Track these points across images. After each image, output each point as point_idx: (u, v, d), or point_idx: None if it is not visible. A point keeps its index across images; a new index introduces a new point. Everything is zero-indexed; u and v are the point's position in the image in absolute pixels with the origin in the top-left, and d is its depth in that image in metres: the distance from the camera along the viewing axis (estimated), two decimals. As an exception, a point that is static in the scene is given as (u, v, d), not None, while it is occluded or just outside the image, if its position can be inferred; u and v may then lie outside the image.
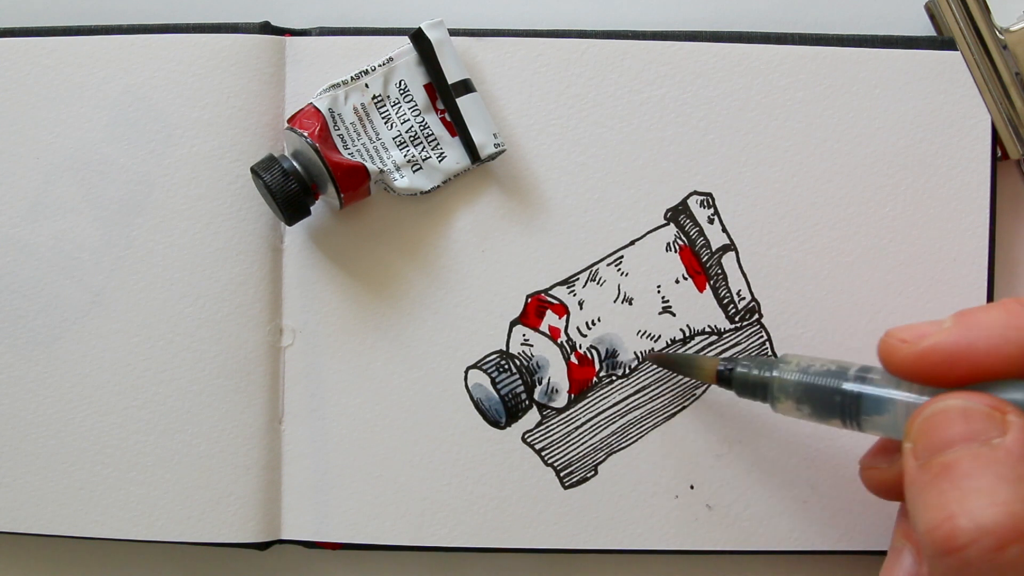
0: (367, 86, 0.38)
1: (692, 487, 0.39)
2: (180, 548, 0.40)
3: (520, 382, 0.39)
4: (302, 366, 0.39)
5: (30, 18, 0.41)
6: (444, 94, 0.38)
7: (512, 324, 0.39)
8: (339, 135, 0.38)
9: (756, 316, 0.39)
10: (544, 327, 0.39)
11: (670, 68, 0.39)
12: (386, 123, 0.38)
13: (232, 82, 0.38)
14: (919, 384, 0.30)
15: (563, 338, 0.39)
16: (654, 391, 0.39)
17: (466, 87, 0.38)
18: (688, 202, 0.39)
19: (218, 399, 0.38)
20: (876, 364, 0.31)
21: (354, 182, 0.37)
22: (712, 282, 0.39)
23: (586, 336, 0.39)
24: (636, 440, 0.39)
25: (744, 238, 0.39)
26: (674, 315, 0.39)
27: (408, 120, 0.38)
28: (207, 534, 0.38)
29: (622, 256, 0.39)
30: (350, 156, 0.37)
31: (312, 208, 0.38)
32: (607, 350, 0.39)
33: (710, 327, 0.39)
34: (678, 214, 0.39)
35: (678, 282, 0.39)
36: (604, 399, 0.39)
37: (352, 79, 0.38)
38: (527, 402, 0.39)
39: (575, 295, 0.39)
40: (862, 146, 0.39)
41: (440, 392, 0.39)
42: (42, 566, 0.41)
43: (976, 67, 0.39)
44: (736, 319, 0.39)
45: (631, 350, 0.39)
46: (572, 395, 0.39)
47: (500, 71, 0.39)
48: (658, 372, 0.39)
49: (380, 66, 0.38)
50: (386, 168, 0.38)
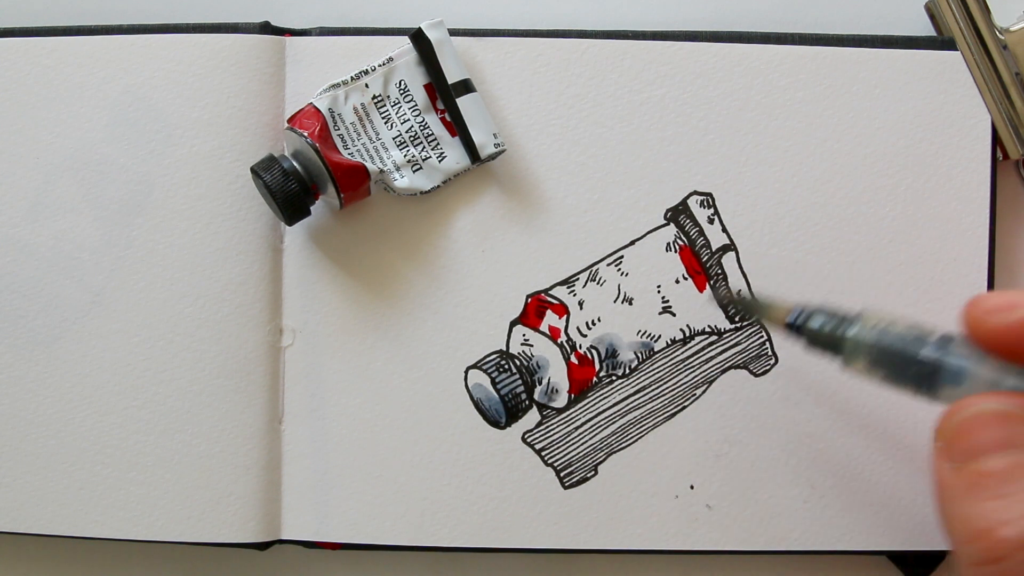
0: (367, 86, 0.38)
1: (692, 487, 0.39)
2: (180, 548, 0.40)
3: (520, 382, 0.39)
4: (302, 366, 0.39)
5: (30, 18, 0.41)
6: (444, 94, 0.38)
7: (512, 324, 0.39)
8: (339, 135, 0.38)
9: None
10: (544, 327, 0.39)
11: (670, 68, 0.39)
12: (386, 123, 0.38)
13: (232, 82, 0.38)
14: (1004, 359, 0.28)
15: (563, 338, 0.39)
16: (654, 391, 0.39)
17: (466, 87, 0.38)
18: (688, 202, 0.39)
19: (218, 399, 0.38)
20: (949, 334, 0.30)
21: (354, 182, 0.37)
22: (712, 282, 0.39)
23: (586, 336, 0.39)
24: (636, 440, 0.39)
25: (744, 238, 0.39)
26: (674, 315, 0.39)
27: (408, 120, 0.38)
28: (207, 534, 0.38)
29: (622, 256, 0.39)
30: (350, 156, 0.37)
31: (312, 208, 0.38)
32: (607, 350, 0.39)
33: (710, 327, 0.39)
34: (678, 214, 0.39)
35: (678, 282, 0.39)
36: (604, 399, 0.39)
37: (352, 79, 0.38)
38: (527, 402, 0.39)
39: (575, 295, 0.39)
40: (862, 146, 0.39)
41: (440, 392, 0.39)
42: (42, 566, 0.41)
43: (976, 67, 0.39)
44: (736, 319, 0.39)
45: (631, 350, 0.39)
46: (572, 395, 0.39)
47: (500, 71, 0.39)
48: (658, 372, 0.39)
49: (380, 66, 0.38)
50: (386, 168, 0.38)
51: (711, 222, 0.39)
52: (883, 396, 0.38)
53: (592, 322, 0.39)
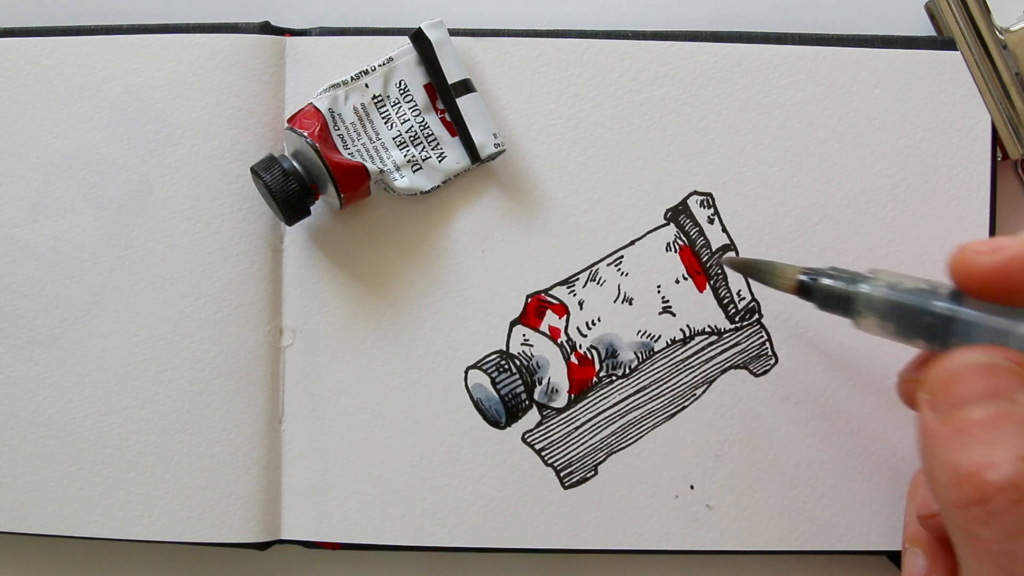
0: (367, 86, 0.38)
1: (692, 487, 0.39)
2: (180, 548, 0.40)
3: (520, 382, 0.39)
4: (302, 366, 0.39)
5: (30, 18, 0.41)
6: (444, 94, 0.38)
7: (512, 324, 0.39)
8: (339, 135, 0.38)
9: (756, 316, 0.39)
10: (544, 327, 0.39)
11: (670, 68, 0.39)
12: (386, 123, 0.38)
13: (232, 82, 0.38)
14: (993, 302, 0.29)
15: (563, 338, 0.39)
16: (654, 391, 0.39)
17: (466, 87, 0.38)
18: (688, 202, 0.39)
19: (218, 399, 0.38)
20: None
21: (354, 182, 0.37)
22: (712, 282, 0.39)
23: (586, 336, 0.39)
24: (636, 440, 0.39)
25: (744, 238, 0.39)
26: (674, 315, 0.39)
27: (408, 120, 0.38)
28: (207, 534, 0.38)
29: (622, 256, 0.39)
30: (350, 156, 0.37)
31: (312, 208, 0.38)
32: (607, 350, 0.39)
33: (710, 327, 0.39)
34: (678, 214, 0.39)
35: (678, 282, 0.39)
36: (604, 399, 0.39)
37: (352, 79, 0.38)
38: (527, 402, 0.39)
39: (575, 295, 0.39)
40: (862, 146, 0.39)
41: (440, 392, 0.39)
42: (42, 566, 0.41)
43: (976, 67, 0.39)
44: (736, 319, 0.39)
45: (631, 350, 0.39)
46: (572, 395, 0.39)
47: (500, 71, 0.39)
48: (658, 372, 0.39)
49: (380, 66, 0.38)
50: (386, 168, 0.38)
51: (711, 222, 0.39)
52: (883, 396, 0.38)
53: (592, 322, 0.39)
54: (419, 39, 0.38)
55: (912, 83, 0.39)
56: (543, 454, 0.39)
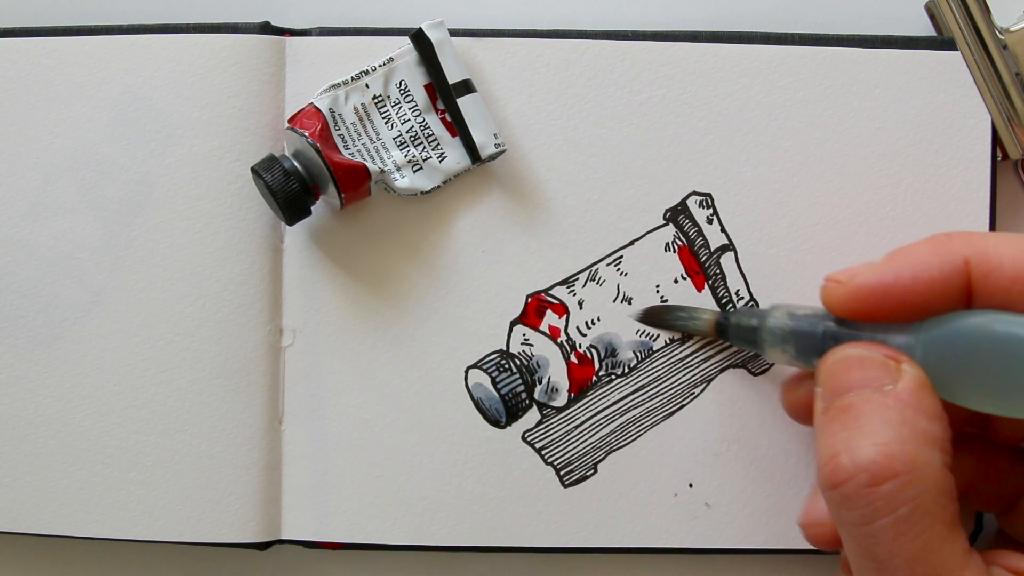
0: (367, 86, 0.38)
1: (691, 485, 0.39)
2: (180, 548, 0.40)
3: (520, 381, 0.39)
4: (302, 366, 0.39)
5: (30, 18, 0.41)
6: (444, 94, 0.38)
7: (512, 324, 0.39)
8: (340, 135, 0.38)
9: (756, 316, 0.39)
10: (544, 327, 0.39)
11: (670, 68, 0.39)
12: (386, 123, 0.38)
13: (232, 82, 0.38)
14: (864, 322, 0.32)
15: (563, 337, 0.39)
16: (653, 390, 0.39)
17: (466, 87, 0.38)
18: (687, 202, 0.39)
19: (218, 399, 0.38)
20: None
21: (355, 182, 0.37)
22: (711, 282, 0.39)
23: (586, 335, 0.39)
24: (635, 438, 0.39)
25: (743, 238, 0.39)
26: (674, 315, 0.39)
27: (408, 120, 0.38)
28: (207, 534, 0.38)
29: (622, 256, 0.39)
30: (351, 156, 0.37)
31: (312, 208, 0.38)
32: (607, 349, 0.39)
33: (710, 327, 0.39)
34: (677, 214, 0.39)
35: (677, 282, 0.39)
36: (604, 398, 0.39)
37: (352, 79, 0.38)
38: (527, 401, 0.39)
39: (575, 295, 0.39)
40: (862, 146, 0.39)
41: (440, 392, 0.39)
42: (42, 566, 0.41)
43: (976, 67, 0.39)
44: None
45: (630, 349, 0.39)
46: (572, 394, 0.39)
47: (500, 71, 0.39)
48: (657, 371, 0.39)
49: (380, 66, 0.38)
50: (387, 168, 0.38)
51: (710, 222, 0.39)
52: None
53: (592, 321, 0.39)
54: (419, 39, 0.38)
55: (912, 83, 0.39)
56: (543, 453, 0.39)
